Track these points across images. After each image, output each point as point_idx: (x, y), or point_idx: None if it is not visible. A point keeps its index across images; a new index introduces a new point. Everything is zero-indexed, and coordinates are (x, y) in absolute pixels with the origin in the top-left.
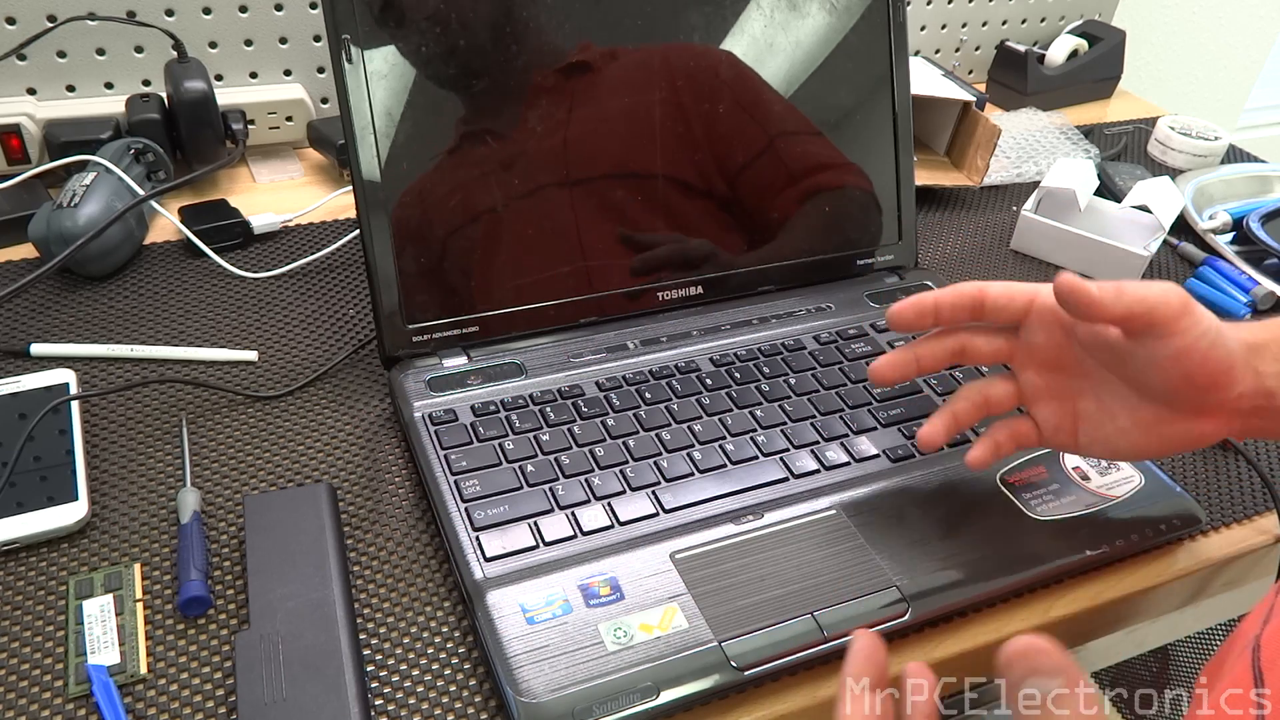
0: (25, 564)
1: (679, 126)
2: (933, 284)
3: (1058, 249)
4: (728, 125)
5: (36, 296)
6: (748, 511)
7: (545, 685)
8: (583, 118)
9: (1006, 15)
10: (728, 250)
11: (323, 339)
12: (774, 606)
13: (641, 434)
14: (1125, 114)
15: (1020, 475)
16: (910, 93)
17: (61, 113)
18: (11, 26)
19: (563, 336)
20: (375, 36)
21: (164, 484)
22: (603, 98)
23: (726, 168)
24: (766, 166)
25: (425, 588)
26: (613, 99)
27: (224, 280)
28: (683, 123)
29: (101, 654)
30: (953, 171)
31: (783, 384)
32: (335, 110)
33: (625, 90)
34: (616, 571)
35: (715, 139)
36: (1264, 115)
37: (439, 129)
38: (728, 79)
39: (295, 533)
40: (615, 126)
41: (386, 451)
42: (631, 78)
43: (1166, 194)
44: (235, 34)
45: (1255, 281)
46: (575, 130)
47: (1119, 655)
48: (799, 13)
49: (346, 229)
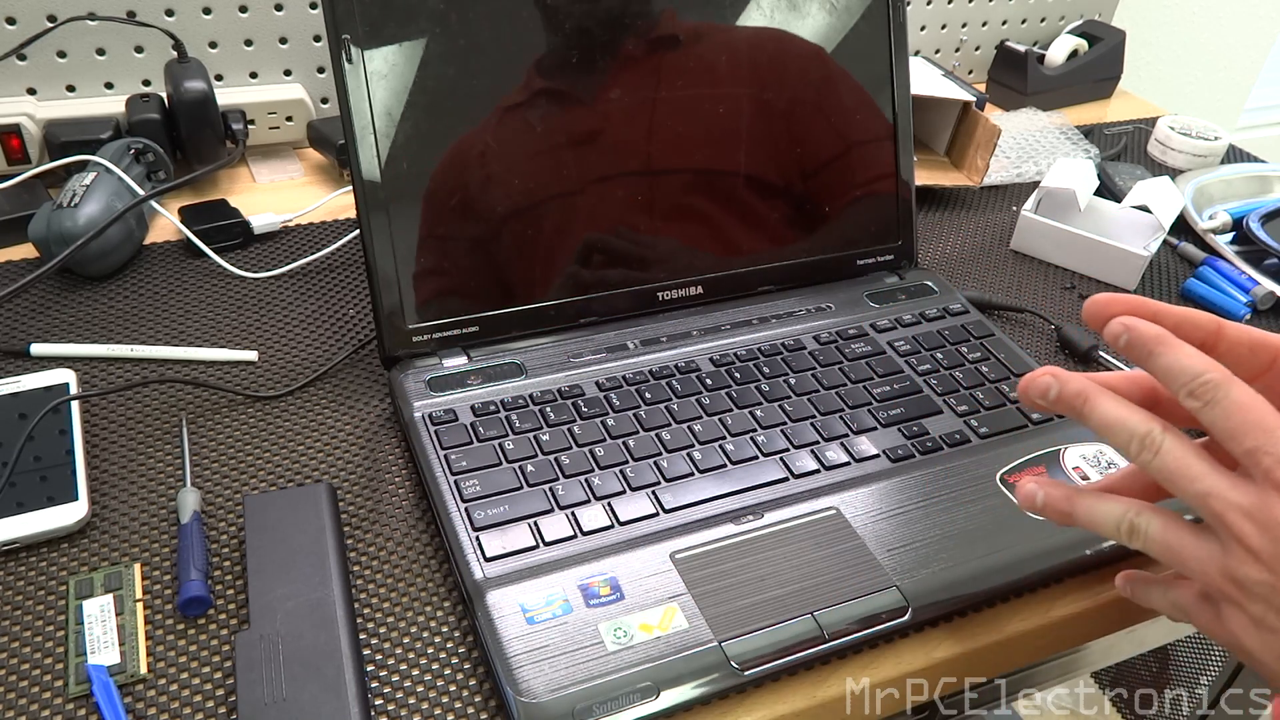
0: (25, 564)
1: (677, 124)
2: (933, 284)
3: (1058, 249)
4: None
5: (36, 296)
6: (748, 511)
7: (545, 685)
8: (583, 120)
9: (1006, 15)
10: (728, 252)
11: (323, 339)
12: (774, 606)
13: (641, 434)
14: (1125, 114)
15: (1020, 475)
16: (910, 93)
17: (61, 113)
18: (11, 26)
19: (563, 336)
20: (375, 36)
21: (164, 484)
22: (609, 99)
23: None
24: (788, 195)
25: (425, 588)
26: (617, 99)
27: (224, 280)
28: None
29: (101, 654)
30: (953, 171)
31: (783, 384)
32: (335, 110)
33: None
34: (616, 571)
35: (715, 138)
36: (1264, 115)
37: (439, 129)
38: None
39: (295, 533)
40: (616, 128)
41: (386, 451)
42: (633, 80)
43: (1166, 194)
44: (235, 34)
45: (1255, 281)
46: (576, 132)
47: (1119, 655)
48: (799, 13)
49: (346, 229)
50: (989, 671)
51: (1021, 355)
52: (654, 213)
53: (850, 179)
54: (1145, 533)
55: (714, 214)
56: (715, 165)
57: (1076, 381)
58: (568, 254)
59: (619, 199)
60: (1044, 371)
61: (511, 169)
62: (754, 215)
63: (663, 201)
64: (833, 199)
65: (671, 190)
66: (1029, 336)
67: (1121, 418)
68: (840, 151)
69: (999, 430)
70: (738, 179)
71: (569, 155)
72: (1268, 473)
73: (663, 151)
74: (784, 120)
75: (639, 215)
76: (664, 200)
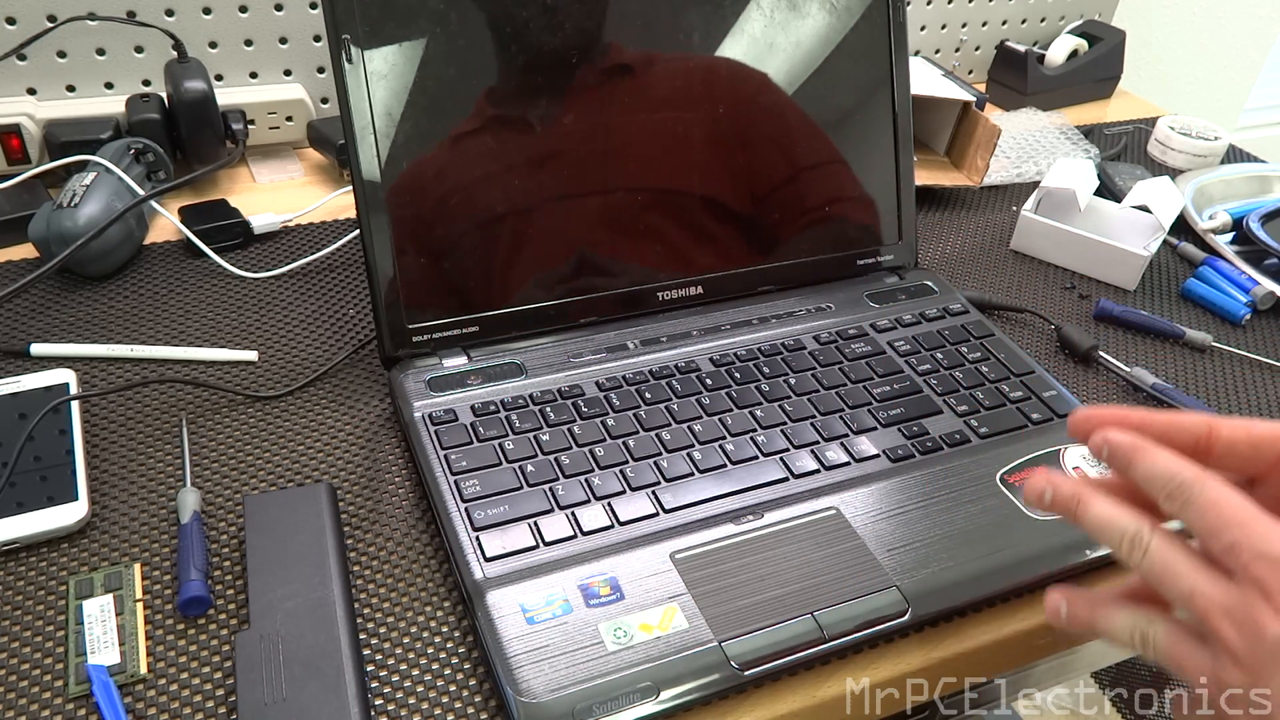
0: (25, 564)
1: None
2: (933, 284)
3: (1058, 249)
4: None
5: (36, 296)
6: (748, 511)
7: (545, 685)
8: (583, 121)
9: (1006, 15)
10: (727, 262)
11: (323, 339)
12: (774, 606)
13: (641, 434)
14: (1125, 114)
15: (1020, 475)
16: (910, 93)
17: (61, 113)
18: (11, 26)
19: (563, 336)
20: (375, 36)
21: (164, 484)
22: (608, 103)
23: (744, 189)
24: (787, 195)
25: (425, 588)
26: (621, 105)
27: (224, 280)
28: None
29: (101, 654)
30: (953, 171)
31: (783, 384)
32: (335, 110)
33: (632, 98)
34: (616, 571)
35: (725, 159)
36: (1264, 115)
37: (439, 129)
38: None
39: (295, 533)
40: (616, 134)
41: (386, 451)
42: (638, 86)
43: (1166, 194)
44: (235, 34)
45: (1255, 281)
46: (577, 133)
47: (1119, 655)
48: (799, 13)
49: (346, 229)
50: (989, 671)
51: (1021, 355)
52: (654, 212)
53: (861, 215)
54: (1155, 643)
55: (715, 214)
56: (714, 166)
57: (1069, 485)
58: (568, 253)
59: (619, 198)
60: (1039, 475)
61: (511, 168)
62: (762, 236)
63: (663, 201)
64: (834, 199)
65: (671, 190)
66: (1029, 336)
67: (1111, 519)
68: (841, 153)
69: (999, 430)
70: (736, 182)
71: (569, 154)
72: (1245, 568)
73: (663, 151)
74: (784, 125)
75: (639, 214)
76: (665, 200)
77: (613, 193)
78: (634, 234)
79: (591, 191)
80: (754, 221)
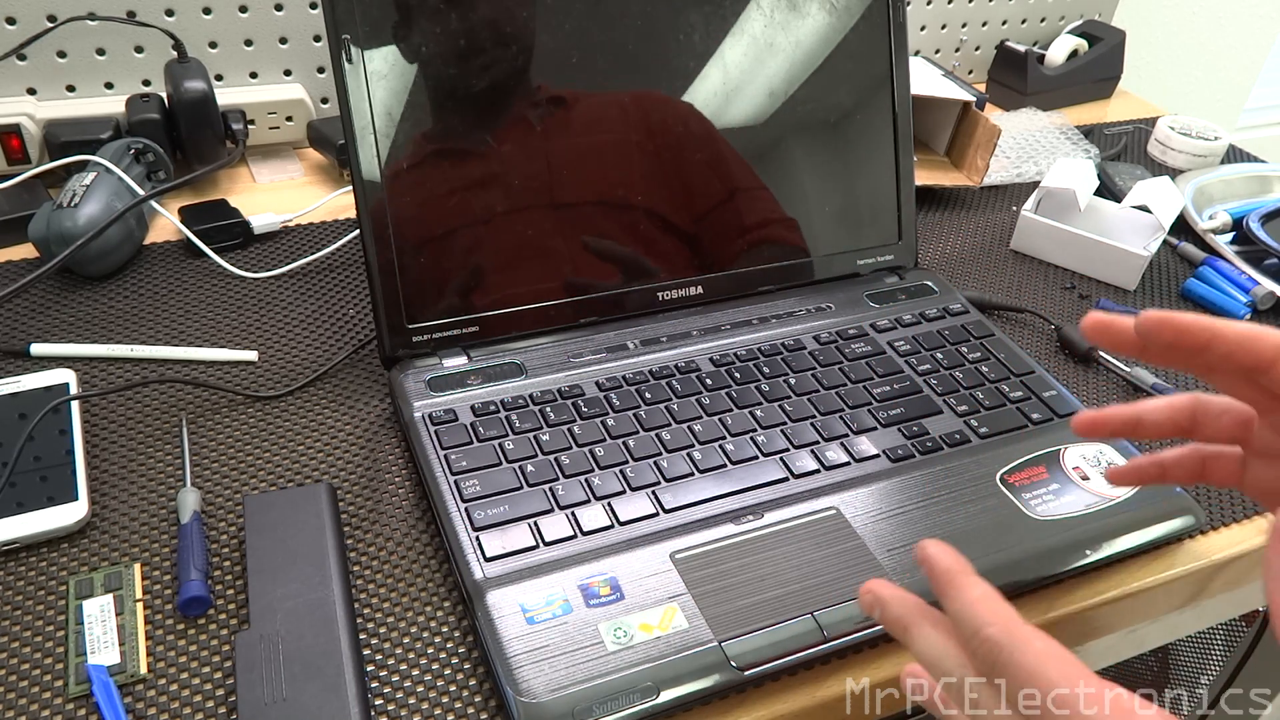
0: (25, 564)
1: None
2: (933, 284)
3: (1058, 249)
4: (693, 172)
5: (36, 296)
6: (748, 511)
7: (545, 685)
8: (584, 119)
9: (1006, 15)
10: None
11: (323, 339)
12: (774, 606)
13: (641, 434)
14: (1125, 114)
15: (1020, 475)
16: (910, 93)
17: (61, 113)
18: (11, 26)
19: (563, 336)
20: (375, 36)
21: (164, 484)
22: (611, 101)
23: (692, 209)
24: (725, 215)
25: (425, 588)
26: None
27: (224, 280)
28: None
29: (101, 654)
30: (953, 171)
31: (783, 384)
32: (335, 110)
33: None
34: (616, 571)
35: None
36: (1264, 115)
37: (439, 129)
38: (695, 132)
39: (295, 533)
40: (617, 133)
41: (386, 451)
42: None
43: (1166, 194)
44: (235, 34)
45: (1255, 281)
46: (578, 131)
47: (1119, 655)
48: (799, 13)
49: (346, 229)
50: None
51: (1021, 355)
52: (655, 212)
53: (790, 235)
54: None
55: (715, 214)
56: (714, 169)
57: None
58: (568, 253)
59: (621, 196)
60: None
61: (511, 167)
62: (714, 253)
63: (664, 201)
64: (834, 200)
65: (671, 191)
66: (1029, 336)
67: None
68: (781, 206)
69: (999, 430)
70: (700, 221)
71: (568, 153)
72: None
73: (663, 153)
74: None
75: (640, 214)
76: (665, 200)
77: (615, 191)
78: (635, 233)
79: (592, 190)
80: (754, 221)
